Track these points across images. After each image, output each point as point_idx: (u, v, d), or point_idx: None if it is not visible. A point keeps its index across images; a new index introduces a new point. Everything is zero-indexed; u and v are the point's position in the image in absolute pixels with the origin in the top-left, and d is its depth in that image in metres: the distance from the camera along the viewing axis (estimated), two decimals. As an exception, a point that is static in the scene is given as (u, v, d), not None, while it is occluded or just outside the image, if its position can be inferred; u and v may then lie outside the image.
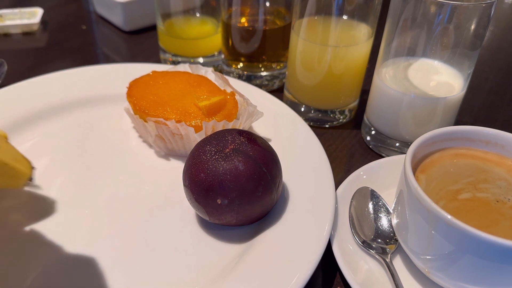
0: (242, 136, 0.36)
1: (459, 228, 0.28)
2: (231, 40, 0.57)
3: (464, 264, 0.29)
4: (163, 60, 0.64)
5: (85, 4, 0.87)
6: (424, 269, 0.33)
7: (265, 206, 0.36)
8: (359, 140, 0.52)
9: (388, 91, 0.46)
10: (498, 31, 0.85)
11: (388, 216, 0.38)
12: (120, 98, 0.50)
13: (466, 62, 0.44)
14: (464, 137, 0.36)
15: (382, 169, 0.43)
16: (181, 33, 0.61)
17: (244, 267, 0.33)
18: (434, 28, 0.41)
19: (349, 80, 0.51)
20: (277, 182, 0.36)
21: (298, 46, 0.50)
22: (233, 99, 0.45)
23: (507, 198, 0.32)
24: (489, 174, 0.34)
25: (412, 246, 0.33)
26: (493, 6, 0.40)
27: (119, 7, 0.73)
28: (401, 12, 0.43)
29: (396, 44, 0.45)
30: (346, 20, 0.47)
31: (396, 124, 0.47)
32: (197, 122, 0.42)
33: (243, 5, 0.56)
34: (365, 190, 0.40)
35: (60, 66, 0.62)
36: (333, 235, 0.36)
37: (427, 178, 0.34)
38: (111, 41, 0.75)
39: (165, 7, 0.59)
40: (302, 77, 0.51)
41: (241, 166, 0.34)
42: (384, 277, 0.34)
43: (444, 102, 0.44)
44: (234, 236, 0.37)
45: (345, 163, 0.49)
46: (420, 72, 0.46)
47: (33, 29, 0.76)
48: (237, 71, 0.60)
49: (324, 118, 0.54)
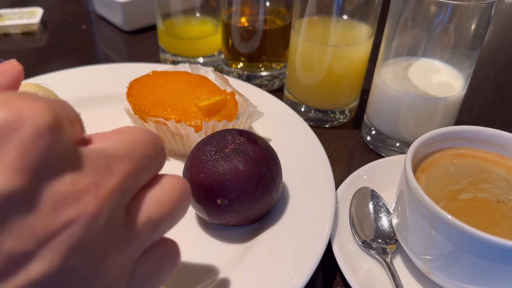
0: (242, 136, 0.36)
1: (460, 228, 0.28)
2: (231, 40, 0.57)
3: (465, 264, 0.29)
4: (163, 60, 0.64)
5: (85, 4, 0.87)
6: (424, 269, 0.33)
7: (265, 206, 0.36)
8: (359, 140, 0.52)
9: (388, 91, 0.46)
10: (498, 31, 0.85)
11: (388, 216, 0.38)
12: (120, 98, 0.50)
13: (466, 62, 0.44)
14: (464, 137, 0.36)
15: (382, 169, 0.43)
16: (181, 33, 0.61)
17: (244, 267, 0.33)
18: (434, 28, 0.41)
19: (349, 80, 0.51)
20: (277, 182, 0.36)
21: (298, 46, 0.49)
22: (233, 99, 0.45)
23: (507, 199, 0.32)
24: (489, 174, 0.34)
25: (412, 246, 0.33)
26: (493, 6, 0.40)
27: (119, 7, 0.73)
28: (401, 12, 0.43)
29: (396, 44, 0.45)
30: (346, 20, 0.47)
31: (396, 124, 0.47)
32: (197, 122, 0.42)
33: (243, 5, 0.56)
34: (365, 190, 0.40)
35: (60, 66, 0.62)
36: (333, 235, 0.36)
37: (427, 178, 0.34)
38: (111, 41, 0.75)
39: (165, 7, 0.59)
40: (302, 77, 0.51)
41: (241, 166, 0.34)
42: (384, 277, 0.34)
43: (444, 102, 0.44)
44: (234, 236, 0.37)
45: (345, 163, 0.49)
46: (420, 72, 0.46)
47: (33, 29, 0.75)
48: (237, 71, 0.60)
49: (324, 118, 0.54)
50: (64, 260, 0.17)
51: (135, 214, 0.20)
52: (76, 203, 0.17)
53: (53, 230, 0.16)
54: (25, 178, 0.16)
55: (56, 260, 0.17)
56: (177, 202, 0.21)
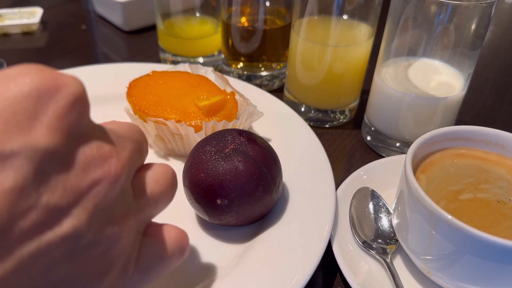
0: (242, 136, 0.36)
1: (460, 229, 0.28)
2: (231, 40, 0.57)
3: (465, 265, 0.29)
4: (163, 60, 0.64)
5: (85, 4, 0.87)
6: (424, 269, 0.33)
7: (265, 206, 0.36)
8: (359, 140, 0.52)
9: (389, 91, 0.46)
10: (498, 31, 0.85)
11: (388, 216, 0.38)
12: (120, 98, 0.50)
13: (466, 62, 0.44)
14: (464, 137, 0.36)
15: (382, 169, 0.43)
16: (181, 33, 0.61)
17: (244, 268, 0.33)
18: (435, 28, 0.41)
19: (349, 80, 0.51)
20: (277, 182, 0.36)
21: (298, 46, 0.49)
22: (233, 99, 0.45)
23: (508, 199, 0.32)
24: (489, 174, 0.34)
25: (412, 247, 0.33)
26: (493, 5, 0.40)
27: (119, 7, 0.73)
28: (401, 11, 0.43)
29: (396, 44, 0.45)
30: (346, 20, 0.47)
31: (396, 124, 0.47)
32: (197, 122, 0.42)
33: (243, 5, 0.56)
34: (365, 190, 0.40)
35: (60, 66, 0.62)
36: (333, 235, 0.36)
37: (427, 178, 0.34)
38: (111, 41, 0.75)
39: (165, 7, 0.59)
40: (302, 77, 0.51)
41: (241, 166, 0.34)
42: (384, 277, 0.34)
43: (445, 102, 0.44)
44: (234, 236, 0.37)
45: (345, 163, 0.49)
46: (421, 72, 0.46)
47: (33, 29, 0.75)
48: (237, 71, 0.60)
49: (324, 118, 0.54)
50: (92, 218, 0.18)
51: (138, 189, 0.23)
52: (101, 165, 0.19)
53: (82, 188, 0.18)
54: (62, 138, 0.18)
55: (84, 217, 0.18)
56: (170, 183, 0.25)
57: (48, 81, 0.18)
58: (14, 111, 0.17)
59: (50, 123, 0.17)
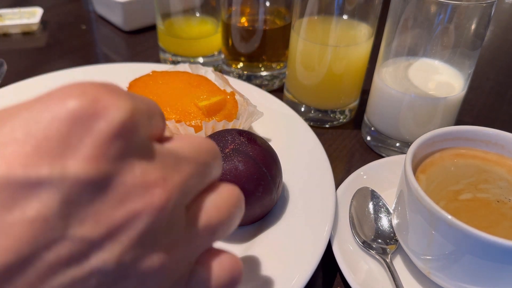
0: (242, 136, 0.36)
1: (460, 229, 0.28)
2: (231, 40, 0.57)
3: (465, 265, 0.29)
4: (163, 60, 0.64)
5: (85, 4, 0.87)
6: (424, 269, 0.33)
7: (265, 206, 0.36)
8: (359, 140, 0.52)
9: (389, 91, 0.46)
10: (498, 31, 0.85)
11: (388, 216, 0.38)
12: (120, 98, 0.50)
13: (466, 62, 0.44)
14: (464, 137, 0.36)
15: (382, 169, 0.43)
16: (181, 33, 0.61)
17: (244, 268, 0.33)
18: (435, 28, 0.41)
19: (349, 80, 0.51)
20: (277, 182, 0.36)
21: (298, 46, 0.49)
22: (233, 99, 0.45)
23: (507, 199, 0.32)
24: (489, 174, 0.34)
25: (412, 247, 0.33)
26: (493, 5, 0.40)
27: (119, 7, 0.73)
28: (401, 11, 0.43)
29: (396, 44, 0.45)
30: (346, 19, 0.47)
31: (396, 124, 0.47)
32: (197, 122, 0.42)
33: (243, 5, 0.56)
34: (365, 190, 0.40)
35: (60, 66, 0.62)
36: (333, 235, 0.36)
37: (427, 178, 0.34)
38: (111, 41, 0.75)
39: (165, 6, 0.59)
40: (302, 77, 0.51)
41: (241, 166, 0.34)
42: (384, 277, 0.34)
43: (445, 102, 0.44)
44: (234, 236, 0.37)
45: (345, 163, 0.49)
46: (421, 72, 0.46)
47: (33, 29, 0.75)
48: (237, 71, 0.60)
49: (324, 118, 0.54)
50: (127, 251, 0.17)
51: (195, 216, 0.20)
52: (143, 195, 0.17)
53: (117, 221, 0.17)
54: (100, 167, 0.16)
55: (118, 251, 0.17)
56: (233, 210, 0.22)
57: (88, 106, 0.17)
58: (47, 136, 0.16)
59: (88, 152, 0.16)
